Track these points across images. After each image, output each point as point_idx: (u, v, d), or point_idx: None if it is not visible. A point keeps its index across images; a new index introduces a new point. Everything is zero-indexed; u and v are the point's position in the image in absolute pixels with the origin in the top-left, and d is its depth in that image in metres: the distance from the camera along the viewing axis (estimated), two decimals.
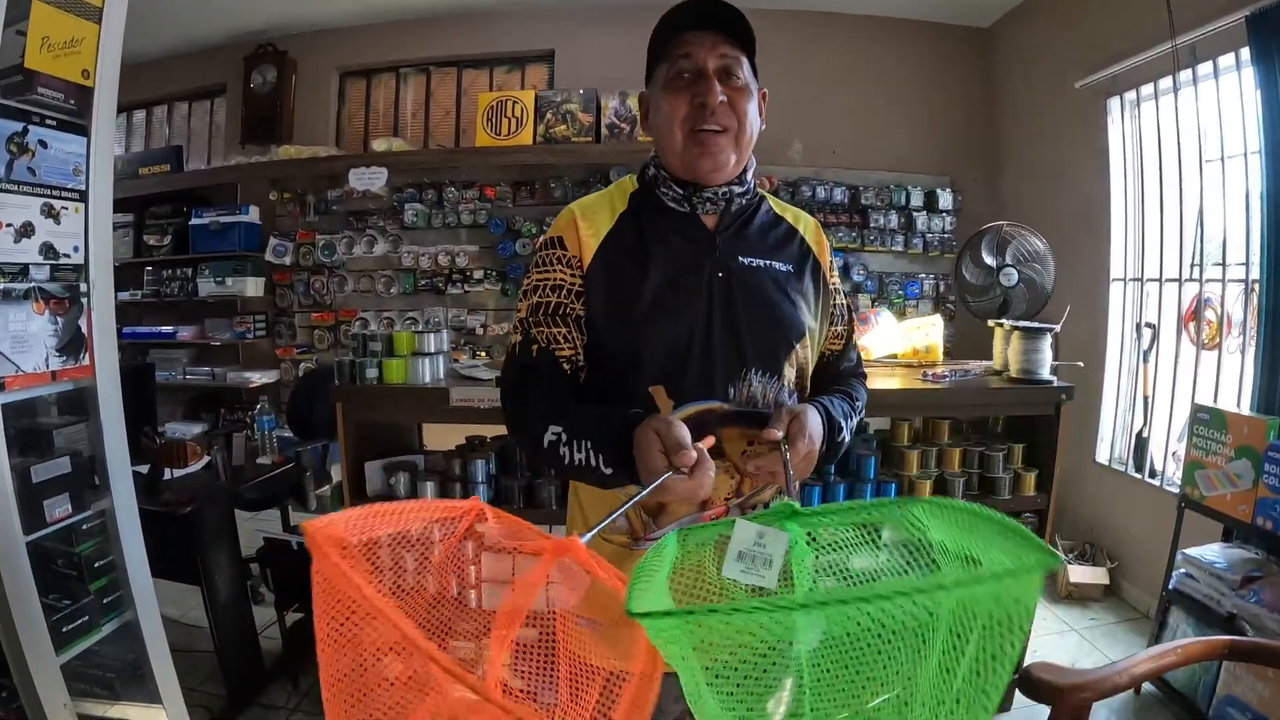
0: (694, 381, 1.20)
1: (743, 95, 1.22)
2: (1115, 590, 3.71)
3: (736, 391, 1.21)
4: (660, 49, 1.24)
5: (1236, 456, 2.63)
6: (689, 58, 1.20)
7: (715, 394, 1.20)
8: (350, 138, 5.51)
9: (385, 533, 0.80)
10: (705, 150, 1.21)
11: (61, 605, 1.99)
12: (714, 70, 1.20)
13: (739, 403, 1.21)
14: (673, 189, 1.27)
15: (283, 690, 2.85)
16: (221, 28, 5.20)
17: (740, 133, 1.23)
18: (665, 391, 1.20)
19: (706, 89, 1.19)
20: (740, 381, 1.21)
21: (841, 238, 4.86)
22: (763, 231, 1.34)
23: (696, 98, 1.20)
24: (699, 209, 1.28)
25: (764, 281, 1.27)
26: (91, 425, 2.06)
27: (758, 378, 1.22)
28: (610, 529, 1.26)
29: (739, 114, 1.22)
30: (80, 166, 1.94)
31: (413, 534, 0.85)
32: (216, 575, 2.68)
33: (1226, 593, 2.57)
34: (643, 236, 1.27)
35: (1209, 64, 3.22)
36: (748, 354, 1.22)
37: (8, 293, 1.79)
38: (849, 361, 1.46)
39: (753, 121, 1.25)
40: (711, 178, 1.25)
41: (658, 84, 1.26)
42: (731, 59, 1.21)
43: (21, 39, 1.75)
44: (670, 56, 1.22)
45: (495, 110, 4.80)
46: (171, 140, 5.82)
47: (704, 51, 1.20)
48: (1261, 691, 2.36)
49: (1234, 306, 3.24)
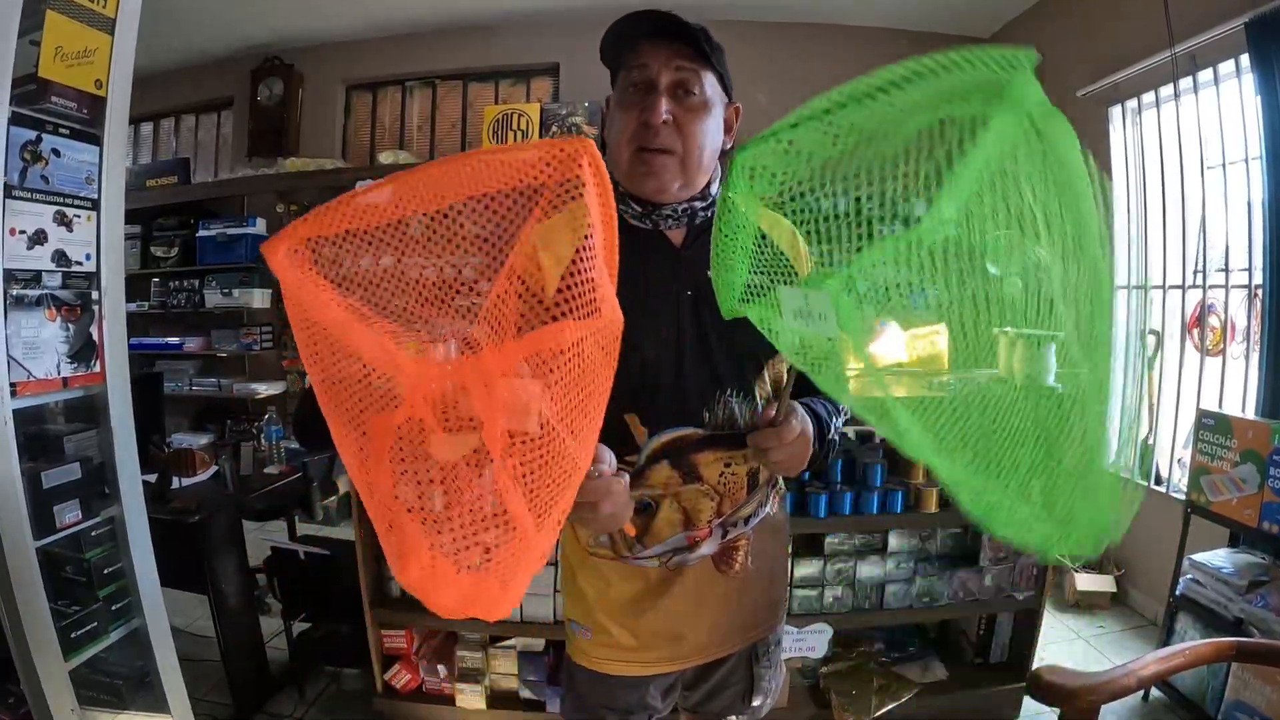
0: (667, 407, 1.17)
1: (695, 115, 1.13)
2: (1122, 598, 3.70)
3: (712, 415, 1.19)
4: (618, 56, 1.16)
5: (1242, 461, 2.63)
6: (644, 68, 1.11)
7: (690, 418, 1.18)
8: (356, 151, 5.54)
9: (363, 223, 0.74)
10: (649, 170, 1.13)
11: (70, 611, 2.00)
12: (666, 85, 1.11)
13: (714, 427, 1.19)
14: (631, 206, 1.19)
15: (289, 700, 2.85)
16: (228, 41, 5.25)
17: (687, 156, 1.13)
18: (639, 419, 1.16)
19: (653, 105, 1.10)
20: (715, 404, 1.19)
21: None
22: None
23: (641, 113, 1.11)
24: (661, 224, 1.20)
25: None
26: (102, 432, 2.07)
27: (732, 399, 1.19)
28: (594, 543, 1.28)
29: (685, 135, 1.12)
30: (92, 175, 1.96)
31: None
32: (224, 584, 2.68)
33: (1234, 598, 2.56)
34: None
35: (1209, 71, 3.24)
36: (721, 375, 1.18)
37: (20, 299, 1.81)
38: None
39: (705, 143, 1.15)
40: (658, 198, 1.17)
41: (614, 99, 1.19)
42: (688, 72, 1.12)
43: (35, 49, 1.77)
44: (626, 66, 1.14)
45: (501, 123, 4.84)
46: (179, 152, 5.87)
47: (658, 63, 1.11)
48: (1270, 696, 2.35)
49: (1237, 312, 3.24)
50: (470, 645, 2.66)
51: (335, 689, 2.92)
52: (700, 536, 1.23)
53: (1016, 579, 2.65)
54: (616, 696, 1.35)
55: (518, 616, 2.52)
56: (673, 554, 1.25)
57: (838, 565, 2.59)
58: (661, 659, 1.31)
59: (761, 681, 1.43)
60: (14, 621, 1.80)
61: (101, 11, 1.90)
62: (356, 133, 5.59)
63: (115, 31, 1.94)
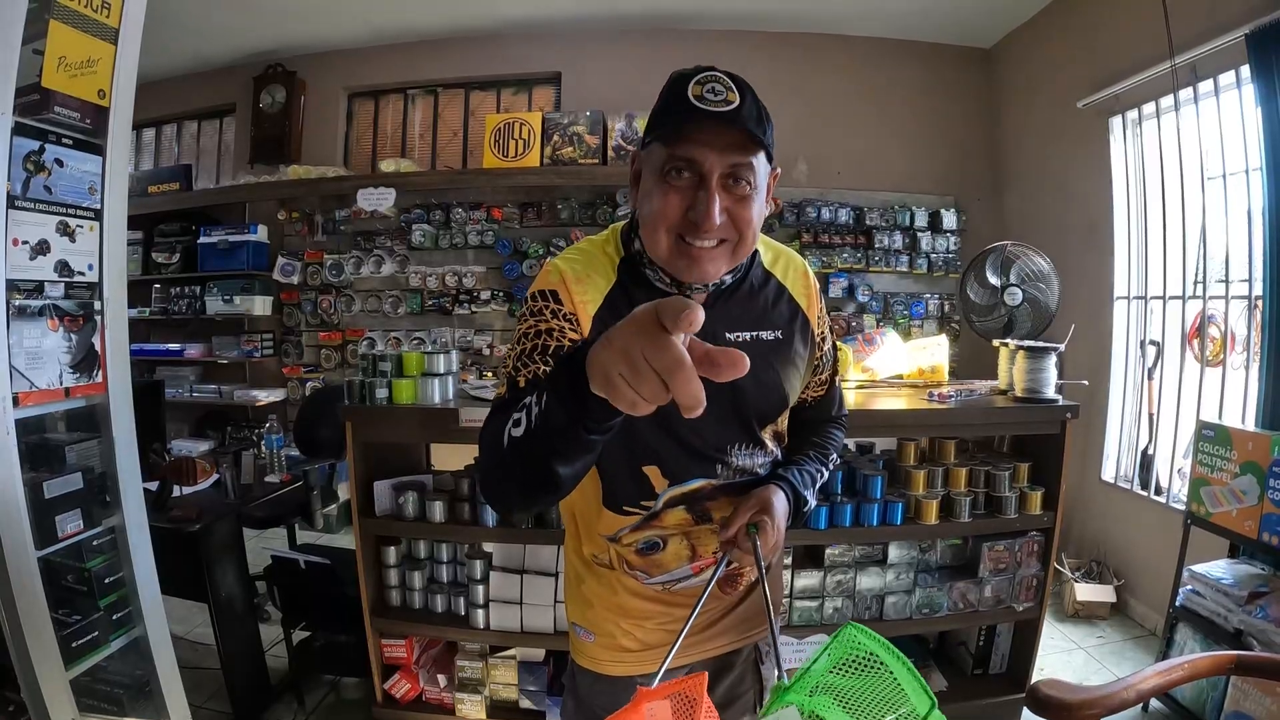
0: (685, 459, 1.20)
1: (747, 204, 1.05)
2: (1122, 608, 3.69)
3: (725, 467, 1.22)
4: (662, 124, 1.04)
5: (1242, 472, 2.63)
6: (692, 162, 1.01)
7: (705, 467, 1.21)
8: (358, 158, 5.56)
9: None
10: (693, 263, 1.07)
11: (71, 620, 1.99)
12: (719, 179, 1.02)
13: (728, 476, 1.23)
14: (660, 274, 1.14)
15: (288, 708, 2.85)
16: (231, 48, 5.27)
17: (740, 243, 1.08)
18: (660, 471, 1.20)
19: (705, 208, 1.01)
20: (729, 456, 1.22)
21: (846, 258, 4.88)
22: (751, 296, 1.24)
23: (691, 212, 1.02)
24: (686, 290, 1.13)
25: (751, 358, 1.18)
26: (103, 442, 2.07)
27: (743, 450, 1.23)
28: (597, 561, 1.31)
29: (739, 225, 1.06)
30: (95, 185, 1.97)
31: None
32: (224, 592, 2.69)
33: (1233, 609, 2.56)
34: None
35: (1209, 82, 3.25)
36: (736, 431, 1.22)
37: (23, 309, 1.81)
38: (829, 408, 1.44)
39: (756, 226, 1.09)
40: (698, 282, 1.11)
41: (652, 163, 1.07)
42: (743, 165, 1.02)
43: (39, 58, 1.78)
44: (670, 146, 1.02)
45: (502, 132, 4.85)
46: (181, 159, 5.89)
47: (712, 158, 1.01)
48: (1270, 707, 2.34)
49: (1237, 323, 3.25)
50: (470, 655, 2.66)
51: (335, 698, 2.92)
52: (705, 565, 1.27)
53: (1016, 590, 2.64)
54: (618, 698, 1.35)
55: (517, 626, 2.52)
56: (676, 581, 1.29)
57: (838, 576, 2.59)
58: (662, 658, 1.32)
59: (770, 682, 1.43)
60: (15, 630, 1.80)
61: (105, 21, 1.91)
62: (358, 140, 5.61)
63: (119, 41, 1.95)
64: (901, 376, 3.05)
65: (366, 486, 2.55)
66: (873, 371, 3.04)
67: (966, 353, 4.66)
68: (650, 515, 1.23)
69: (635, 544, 1.25)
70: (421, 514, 2.52)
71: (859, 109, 5.01)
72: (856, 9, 4.66)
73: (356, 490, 2.53)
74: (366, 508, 2.55)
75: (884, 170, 4.99)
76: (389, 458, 2.72)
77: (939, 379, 2.99)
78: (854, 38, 4.99)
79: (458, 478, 2.59)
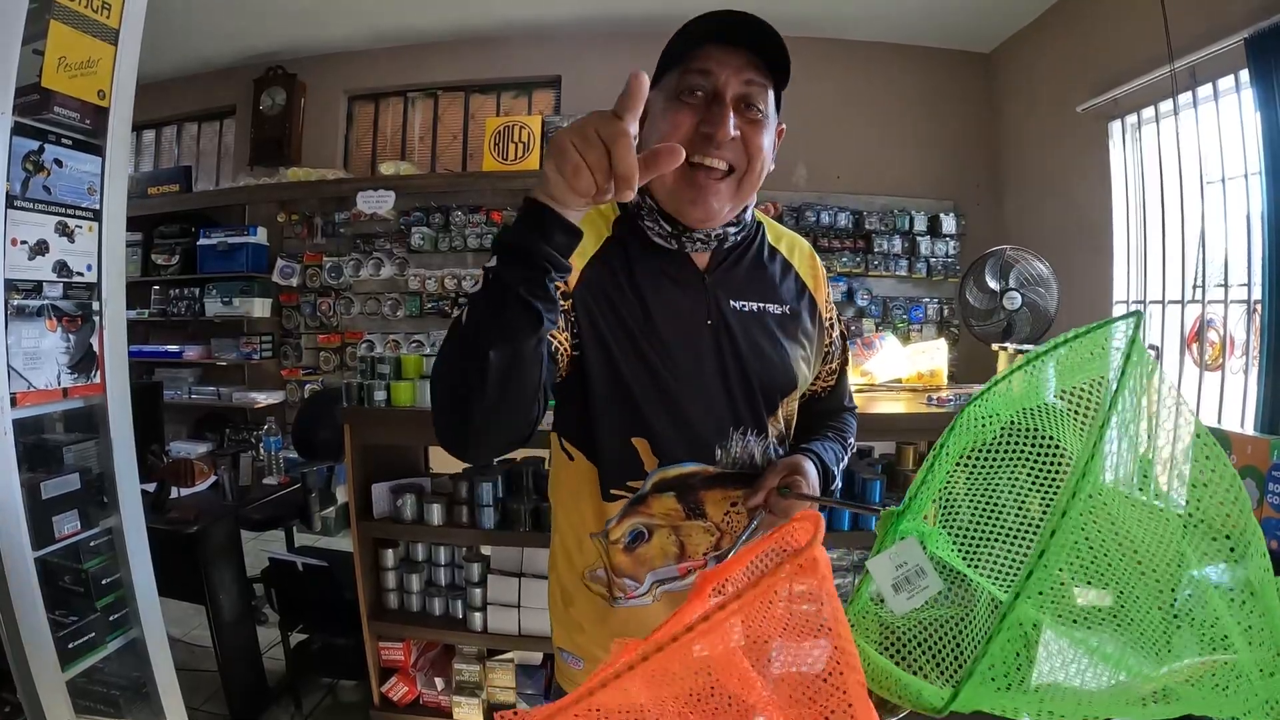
0: (679, 438, 1.11)
1: (759, 129, 1.02)
2: None
3: (724, 453, 1.14)
4: (675, 54, 1.02)
5: (1241, 476, 2.62)
6: (707, 75, 0.99)
7: (701, 451, 1.13)
8: (358, 161, 5.56)
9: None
10: (698, 196, 1.02)
11: (68, 621, 1.99)
12: (733, 97, 0.99)
13: (726, 464, 1.14)
14: (660, 224, 1.10)
15: (285, 711, 2.83)
16: (231, 50, 5.28)
17: (748, 174, 1.04)
18: (650, 447, 1.11)
19: (719, 118, 0.98)
20: (729, 441, 1.14)
21: (845, 262, 4.89)
22: (757, 268, 1.20)
23: (704, 125, 0.99)
24: (688, 247, 1.11)
25: (756, 330, 1.15)
26: (101, 443, 2.06)
27: (745, 436, 1.15)
28: (590, 578, 1.22)
29: (751, 151, 1.02)
30: (95, 186, 1.96)
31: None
32: (221, 594, 2.68)
33: None
34: (632, 273, 1.11)
35: (1209, 86, 3.26)
36: (738, 411, 1.14)
37: (21, 309, 1.81)
38: (840, 397, 1.39)
39: (766, 161, 1.05)
40: (700, 226, 1.07)
41: (662, 90, 1.04)
42: (758, 86, 1.00)
43: (39, 58, 1.77)
44: (685, 66, 1.01)
45: (502, 135, 4.85)
46: (181, 160, 5.90)
47: (727, 72, 0.98)
48: None
49: (1236, 327, 3.25)
50: (468, 658, 2.65)
51: (332, 700, 2.91)
52: (694, 568, 1.19)
53: None
54: None
55: (515, 630, 2.51)
56: (661, 583, 1.20)
57: (836, 581, 2.57)
58: None
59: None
60: (11, 631, 1.79)
61: (105, 22, 1.91)
62: (358, 143, 5.62)
63: (119, 42, 1.95)
64: (900, 380, 3.05)
65: (365, 489, 2.54)
66: (872, 375, 3.03)
67: (965, 357, 4.66)
68: (637, 498, 1.13)
69: (622, 539, 1.16)
70: (419, 517, 2.51)
71: (858, 113, 5.02)
72: (856, 13, 4.67)
73: (355, 493, 2.52)
74: (364, 510, 2.54)
75: (883, 174, 5.00)
76: (387, 460, 2.71)
77: (938, 383, 2.98)
78: (854, 42, 5.00)
79: (456, 480, 2.59)
